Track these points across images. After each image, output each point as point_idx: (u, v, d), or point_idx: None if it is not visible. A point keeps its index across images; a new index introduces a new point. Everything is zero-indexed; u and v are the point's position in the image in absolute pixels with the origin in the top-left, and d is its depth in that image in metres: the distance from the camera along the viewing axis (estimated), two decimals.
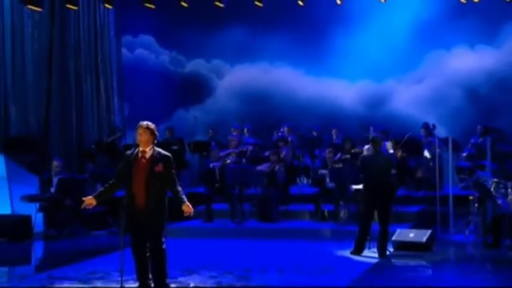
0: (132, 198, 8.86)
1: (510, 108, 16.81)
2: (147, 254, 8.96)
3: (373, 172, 12.12)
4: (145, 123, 9.01)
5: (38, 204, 14.31)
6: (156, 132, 9.12)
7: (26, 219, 14.10)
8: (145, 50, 20.43)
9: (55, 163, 15.04)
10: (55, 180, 14.68)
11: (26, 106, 16.41)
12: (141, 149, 8.91)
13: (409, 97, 19.14)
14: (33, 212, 14.19)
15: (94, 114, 18.26)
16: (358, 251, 11.94)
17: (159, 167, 8.82)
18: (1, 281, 11.03)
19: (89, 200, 9.17)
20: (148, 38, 20.39)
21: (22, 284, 10.25)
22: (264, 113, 19.35)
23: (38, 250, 13.58)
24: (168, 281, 9.11)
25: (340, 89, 19.83)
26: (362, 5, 16.85)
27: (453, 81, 18.73)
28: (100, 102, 18.37)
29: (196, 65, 20.93)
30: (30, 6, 13.39)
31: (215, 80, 20.97)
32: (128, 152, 9.19)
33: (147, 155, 8.87)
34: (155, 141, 9.05)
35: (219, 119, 19.77)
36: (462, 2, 14.88)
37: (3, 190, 14.47)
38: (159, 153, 8.97)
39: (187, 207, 8.93)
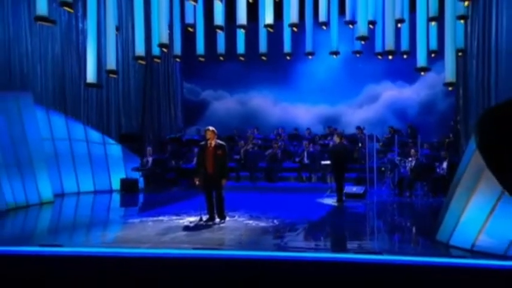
0: (205, 169, 9.30)
1: (425, 122, 17.07)
2: (214, 199, 9.41)
3: (337, 155, 12.10)
4: (211, 127, 9.49)
5: (140, 173, 14.62)
6: (216, 132, 9.52)
7: (134, 181, 14.25)
8: None
9: (148, 149, 15.31)
10: (150, 159, 14.87)
11: (130, 116, 16.61)
12: (208, 141, 9.35)
13: (354, 117, 18.12)
14: (138, 176, 14.50)
15: (167, 121, 18.39)
16: (339, 200, 11.94)
17: (219, 151, 9.35)
18: (125, 215, 11.38)
19: (196, 179, 9.57)
20: None
21: (139, 216, 10.41)
22: (251, 126, 18.18)
23: (142, 198, 13.70)
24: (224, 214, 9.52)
25: (305, 110, 18.72)
26: (320, 53, 15.86)
27: (383, 105, 18.10)
28: (171, 114, 18.53)
29: (206, 95, 19.51)
30: (139, 61, 13.61)
31: (218, 104, 19.48)
32: (202, 143, 9.59)
33: (213, 145, 9.34)
34: (216, 136, 9.46)
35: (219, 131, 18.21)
36: (379, 58, 15.27)
37: (120, 165, 14.63)
38: (219, 143, 9.44)
39: (224, 181, 9.51)
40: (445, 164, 13.10)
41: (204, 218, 9.43)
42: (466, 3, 10.81)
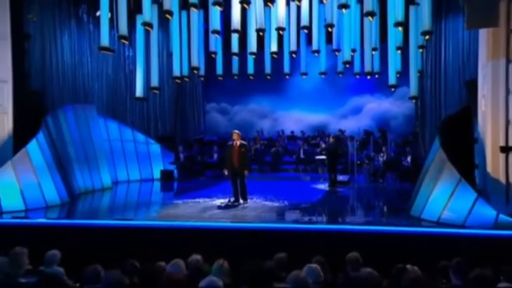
0: (232, 163, 9.50)
1: (397, 126, 16.82)
2: (238, 186, 9.61)
3: (332, 151, 12.26)
4: (236, 131, 9.70)
5: (175, 166, 14.43)
6: (240, 134, 9.74)
7: (171, 172, 14.09)
8: None
9: (180, 147, 15.16)
10: (181, 155, 14.85)
11: (165, 122, 16.53)
12: (234, 141, 9.55)
13: (340, 124, 17.45)
14: (173, 169, 14.33)
15: (193, 125, 18.27)
16: (332, 186, 12.02)
17: (243, 149, 9.57)
18: (169, 198, 11.35)
19: (224, 171, 9.69)
20: None
21: (180, 198, 10.43)
22: (251, 132, 17.44)
23: (179, 186, 13.45)
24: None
25: (299, 118, 17.98)
26: (312, 73, 15.11)
27: (364, 114, 17.75)
28: (195, 120, 18.39)
29: (210, 107, 18.88)
30: (176, 80, 13.77)
31: (220, 116, 18.82)
32: (229, 143, 9.78)
33: (238, 144, 9.55)
34: (240, 138, 9.67)
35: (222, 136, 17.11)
36: (357, 77, 15.54)
37: (159, 159, 14.46)
38: (242, 143, 9.66)
39: (246, 172, 9.61)
40: (409, 158, 13.30)
41: (231, 200, 9.63)
42: (427, 37, 11.16)
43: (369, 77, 13.66)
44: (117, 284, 3.36)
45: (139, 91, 12.59)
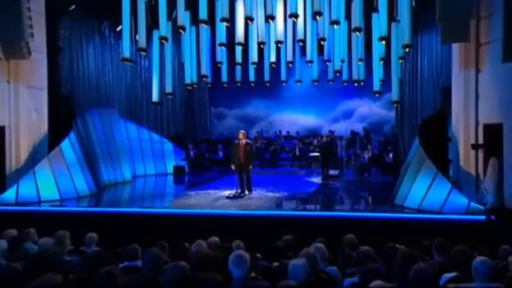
0: (238, 159, 9.50)
1: (389, 130, 16.57)
2: (244, 178, 9.65)
3: (324, 149, 12.32)
4: (242, 131, 9.76)
5: (186, 162, 14.41)
6: (246, 134, 9.85)
7: (182, 167, 13.99)
8: None
9: (190, 146, 15.05)
10: (191, 152, 14.75)
11: (176, 123, 16.30)
12: (240, 140, 9.59)
13: (330, 127, 16.76)
14: (184, 164, 14.30)
15: (200, 126, 18.12)
16: (324, 179, 12.04)
17: (248, 147, 9.61)
18: (183, 190, 11.45)
19: (232, 165, 9.62)
20: None
21: (193, 190, 10.43)
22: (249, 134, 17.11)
23: (190, 179, 13.29)
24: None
25: (294, 120, 17.55)
26: (305, 80, 14.82)
27: (355, 118, 17.46)
28: (202, 121, 18.27)
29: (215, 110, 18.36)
30: (188, 87, 13.91)
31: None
32: (236, 141, 9.81)
33: (243, 142, 9.58)
34: (246, 137, 9.77)
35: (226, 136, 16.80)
36: (345, 85, 15.29)
37: (172, 156, 14.48)
38: (247, 141, 9.71)
39: (251, 167, 9.67)
40: (391, 155, 13.46)
41: (238, 191, 9.71)
42: (407, 49, 11.37)
43: (356, 84, 13.80)
44: (156, 259, 3.54)
45: (155, 96, 12.68)
